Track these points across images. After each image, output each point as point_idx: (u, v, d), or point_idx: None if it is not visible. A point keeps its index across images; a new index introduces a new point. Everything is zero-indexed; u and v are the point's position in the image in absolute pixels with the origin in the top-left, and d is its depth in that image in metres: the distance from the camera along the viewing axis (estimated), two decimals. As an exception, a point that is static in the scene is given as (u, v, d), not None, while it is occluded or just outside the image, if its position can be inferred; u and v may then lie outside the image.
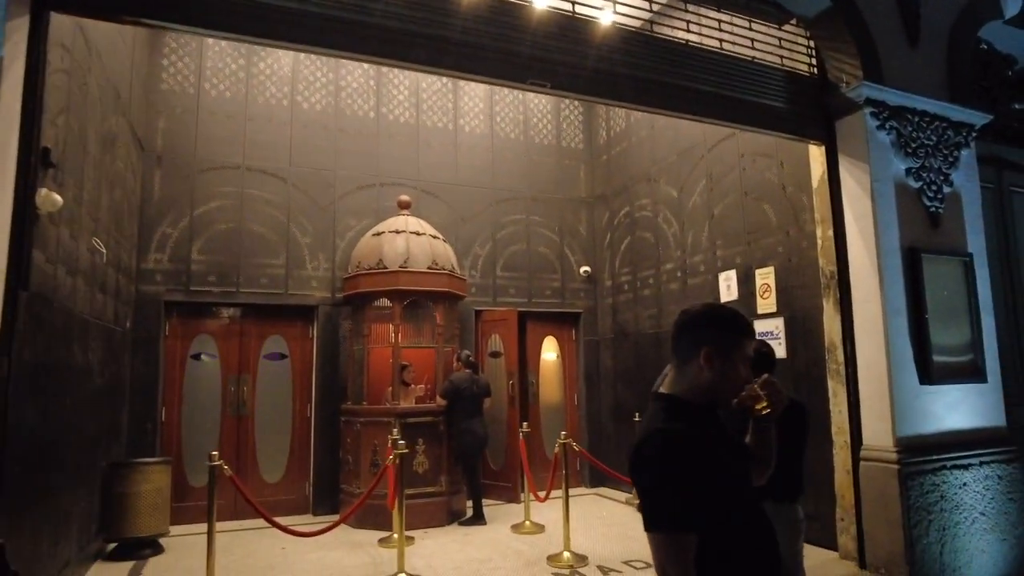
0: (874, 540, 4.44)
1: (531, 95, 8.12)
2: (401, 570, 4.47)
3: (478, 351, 7.45)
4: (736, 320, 1.57)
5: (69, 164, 3.93)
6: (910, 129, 4.79)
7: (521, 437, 6.08)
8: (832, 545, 4.80)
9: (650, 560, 1.54)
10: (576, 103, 8.41)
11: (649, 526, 1.37)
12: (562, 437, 5.28)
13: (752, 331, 1.59)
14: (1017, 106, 5.83)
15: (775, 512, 3.09)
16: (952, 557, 4.35)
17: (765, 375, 1.81)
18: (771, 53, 4.84)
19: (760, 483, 1.80)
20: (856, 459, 4.58)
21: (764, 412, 1.76)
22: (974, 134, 5.10)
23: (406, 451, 4.74)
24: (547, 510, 6.02)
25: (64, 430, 3.97)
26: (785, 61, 4.89)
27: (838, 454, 4.74)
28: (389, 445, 5.20)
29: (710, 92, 4.53)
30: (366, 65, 7.33)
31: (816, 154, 4.98)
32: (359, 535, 5.73)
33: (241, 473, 6.47)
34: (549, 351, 8.03)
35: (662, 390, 1.58)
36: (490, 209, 7.81)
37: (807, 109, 4.88)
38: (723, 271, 6.06)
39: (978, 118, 5.08)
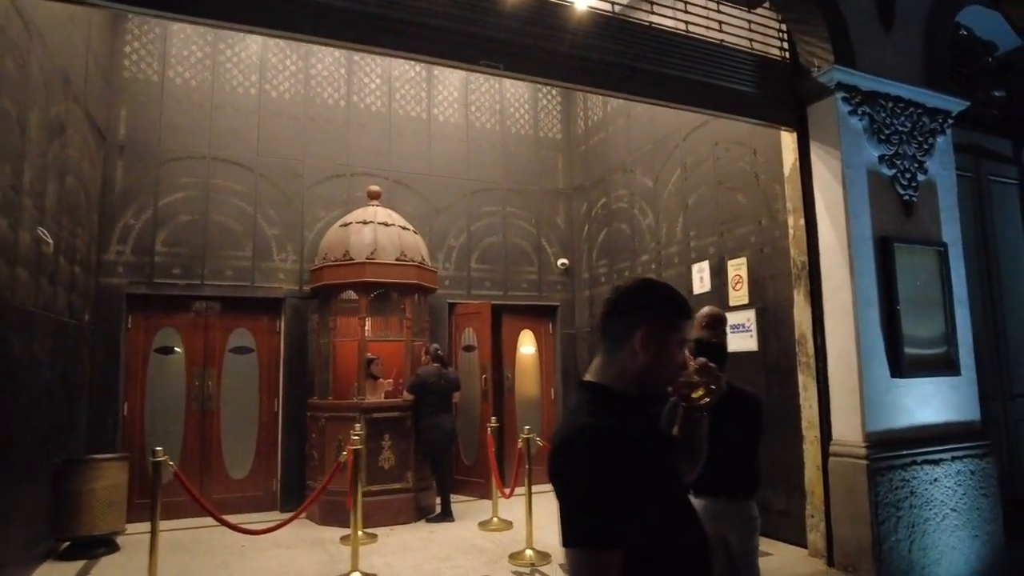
0: (842, 537, 4.32)
1: (507, 84, 7.97)
2: (355, 568, 4.33)
3: (452, 345, 7.31)
4: (674, 297, 1.39)
5: (2, 149, 3.77)
6: (884, 115, 4.65)
7: (489, 432, 5.94)
8: (802, 542, 4.69)
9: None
10: (554, 92, 8.26)
11: (568, 541, 1.16)
12: (525, 432, 5.14)
13: (690, 310, 1.42)
14: (997, 93, 5.69)
15: (728, 509, 2.97)
16: (921, 554, 4.23)
17: (701, 359, 1.65)
18: (741, 37, 4.69)
19: (688, 480, 1.63)
20: (826, 454, 4.46)
21: (700, 402, 1.57)
22: (950, 121, 4.96)
23: (361, 447, 4.59)
24: (517, 506, 5.89)
25: (3, 426, 3.82)
26: (756, 45, 4.75)
27: (808, 449, 4.62)
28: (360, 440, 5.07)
29: (677, 76, 4.38)
30: (336, 52, 7.17)
31: (788, 141, 4.84)
32: (324, 532, 5.61)
33: (206, 469, 6.34)
34: (526, 345, 7.89)
35: (588, 378, 1.39)
36: (465, 200, 7.66)
37: (778, 94, 4.73)
38: (697, 262, 5.93)
39: (955, 105, 4.95)
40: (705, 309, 4.85)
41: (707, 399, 1.56)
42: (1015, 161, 5.62)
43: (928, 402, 4.52)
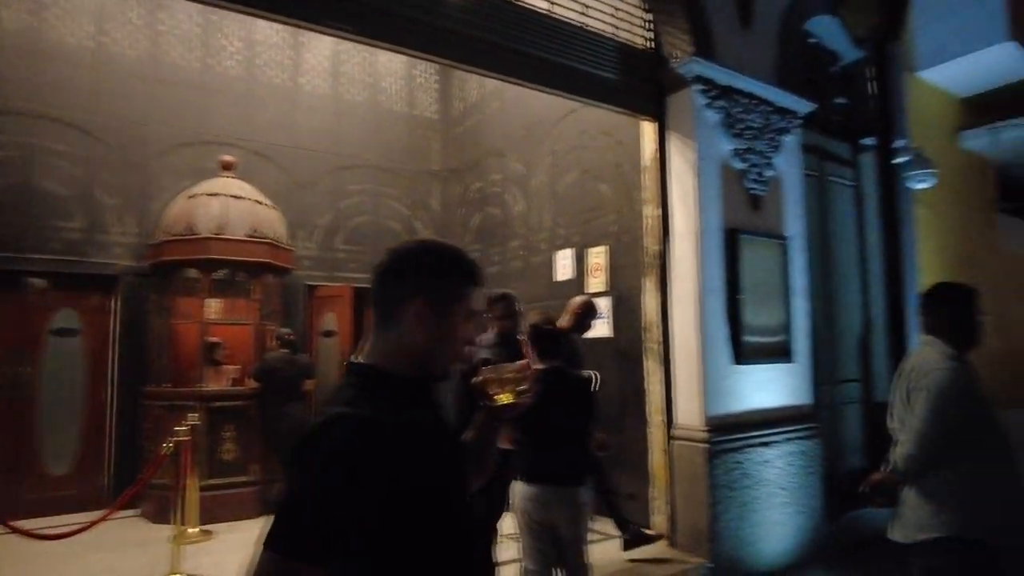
0: (684, 519, 4.46)
1: (381, 57, 7.62)
2: (175, 570, 3.96)
3: (310, 329, 6.93)
4: (460, 261, 1.21)
5: None
6: (738, 110, 4.80)
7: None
8: (648, 525, 4.80)
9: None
10: (431, 69, 8.01)
11: (267, 539, 0.97)
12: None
13: (479, 277, 1.23)
14: (839, 101, 6.07)
15: (557, 497, 2.93)
16: (750, 531, 4.44)
17: (526, 361, 1.50)
18: (606, 23, 4.67)
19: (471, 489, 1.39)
20: (670, 438, 4.58)
21: (503, 406, 1.38)
22: (798, 121, 5.21)
23: (189, 437, 4.20)
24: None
25: None
26: (620, 32, 4.74)
27: (653, 433, 4.73)
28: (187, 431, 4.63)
29: (539, 57, 4.28)
30: (191, 10, 6.54)
31: (648, 131, 4.89)
32: (158, 531, 5.11)
33: (17, 466, 5.62)
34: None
35: (357, 358, 1.20)
36: (332, 176, 7.27)
37: (640, 83, 4.76)
38: (561, 249, 5.93)
39: (803, 106, 5.20)
40: (581, 298, 4.87)
41: (512, 405, 1.38)
42: (852, 164, 6.02)
43: (765, 387, 4.75)
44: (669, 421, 4.62)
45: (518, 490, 2.82)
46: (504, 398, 1.37)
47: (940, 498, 2.37)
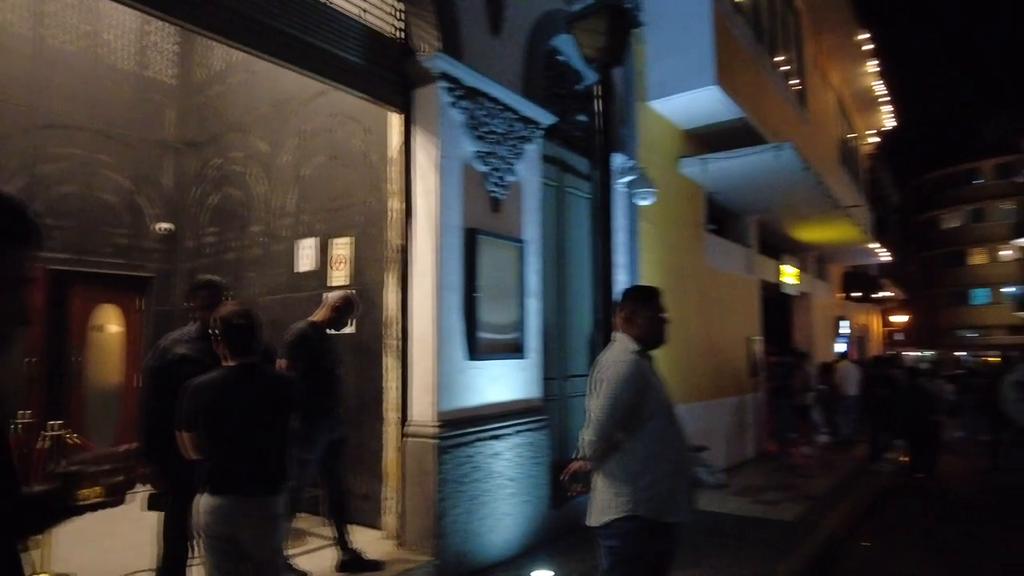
0: (413, 516, 4.41)
1: (104, 4, 6.51)
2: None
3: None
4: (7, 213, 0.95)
5: None
6: (482, 113, 4.90)
7: (14, 428, 4.70)
8: (380, 525, 4.69)
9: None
10: (170, 30, 7.05)
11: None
12: (54, 427, 4.15)
13: (33, 234, 0.99)
14: (581, 118, 6.57)
15: (241, 509, 2.61)
16: (478, 524, 4.55)
17: (125, 448, 1.20)
18: (354, 3, 4.46)
19: None
20: (404, 435, 4.52)
21: (85, 502, 1.14)
22: (540, 131, 5.50)
23: None
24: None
25: None
26: (370, 16, 4.57)
27: (388, 431, 4.63)
28: None
29: (277, 28, 3.92)
30: None
31: (395, 122, 4.78)
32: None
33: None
34: (107, 322, 6.58)
35: None
36: (29, 134, 6.02)
37: (388, 72, 4.63)
38: (304, 238, 5.58)
39: (545, 117, 5.49)
40: (340, 292, 4.55)
41: (102, 503, 1.14)
42: (589, 178, 6.55)
43: (498, 382, 4.92)
44: (404, 418, 4.55)
45: (201, 504, 2.49)
46: (92, 494, 1.14)
47: (618, 481, 2.58)
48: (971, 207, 40.77)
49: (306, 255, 5.52)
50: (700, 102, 7.40)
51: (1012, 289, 37.53)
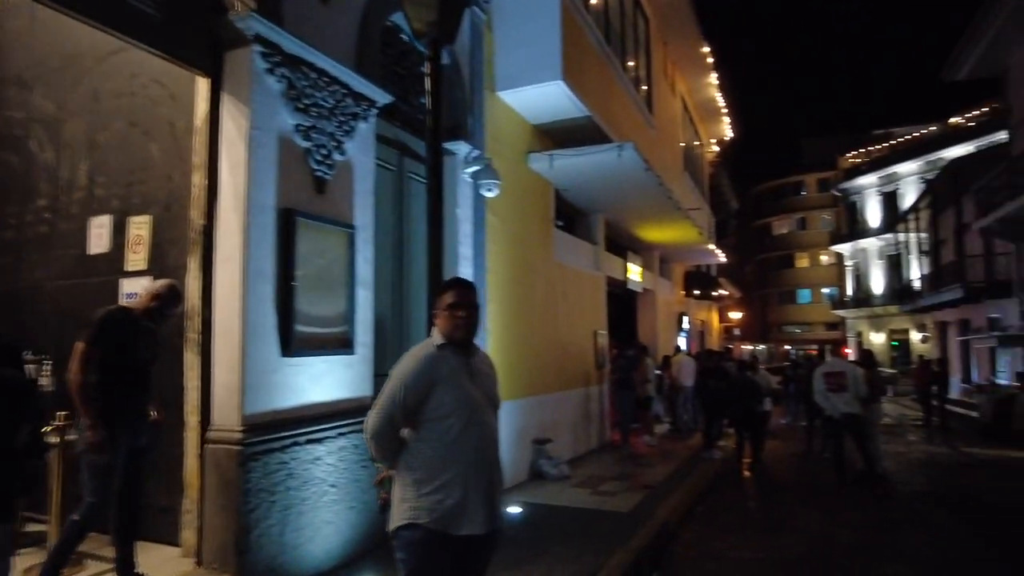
0: (213, 531, 3.92)
1: None
2: None
3: None
4: None
5: None
6: (305, 84, 4.46)
7: None
8: (178, 541, 4.14)
9: None
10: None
11: None
12: None
13: None
14: (423, 100, 6.28)
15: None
16: (294, 535, 4.15)
17: None
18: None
19: None
20: (205, 441, 4.00)
21: None
22: (375, 110, 5.15)
23: None
24: None
25: None
26: (171, -36, 3.98)
27: (189, 437, 4.10)
28: None
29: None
30: None
31: (202, 88, 4.23)
32: None
33: None
34: None
35: None
36: None
37: (192, 29, 4.07)
38: (98, 215, 4.83)
39: (380, 96, 5.14)
40: (163, 281, 3.89)
41: None
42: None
43: (321, 380, 4.52)
44: (206, 422, 4.03)
45: None
46: None
47: (403, 485, 2.37)
48: (798, 216, 45.46)
49: (98, 235, 4.77)
50: (548, 97, 7.38)
51: (828, 290, 42.37)
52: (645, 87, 12.00)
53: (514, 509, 6.07)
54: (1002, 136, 18.10)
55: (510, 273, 7.52)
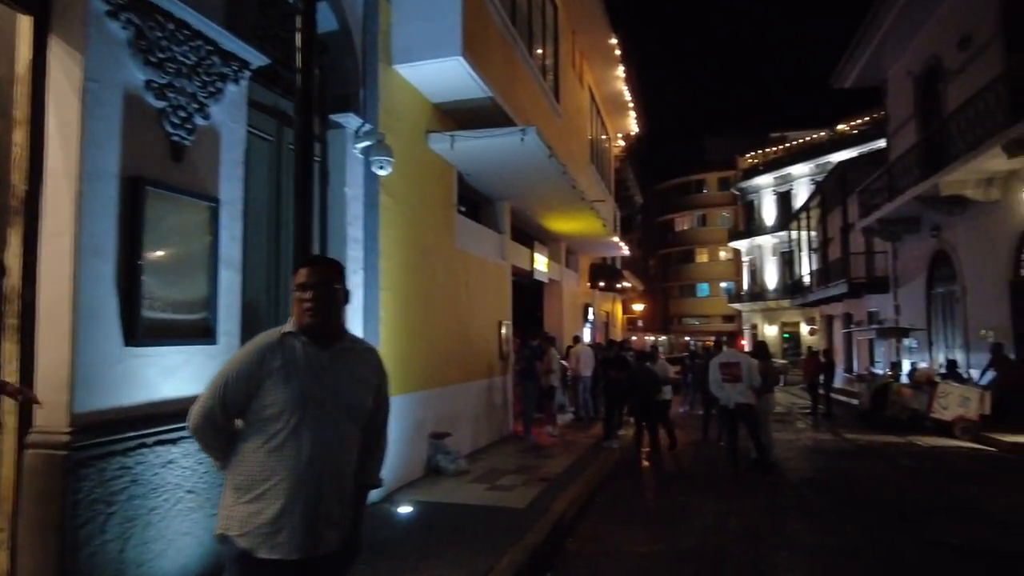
0: (30, 553, 3.32)
1: None
2: None
3: None
4: None
5: None
6: (159, 35, 3.88)
7: None
8: (-9, 565, 3.51)
9: None
10: None
11: None
12: None
13: None
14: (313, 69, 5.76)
15: None
16: (140, 551, 3.61)
17: None
18: None
19: None
20: (24, 446, 3.40)
21: None
22: (248, 73, 4.62)
23: None
24: None
25: None
26: None
27: (5, 441, 3.46)
28: None
29: None
30: None
31: (25, 28, 3.58)
32: None
33: None
34: None
35: None
36: None
37: (12, -44, 3.43)
38: None
39: (254, 57, 4.61)
40: None
41: None
42: (319, 138, 5.78)
43: (176, 373, 3.98)
44: (26, 424, 3.43)
45: None
46: None
47: (225, 489, 2.05)
48: (699, 212, 47.36)
49: None
50: (447, 73, 7.01)
51: (725, 284, 44.46)
52: (552, 76, 11.84)
53: (404, 509, 5.72)
54: (882, 143, 19.40)
55: (407, 259, 7.12)
